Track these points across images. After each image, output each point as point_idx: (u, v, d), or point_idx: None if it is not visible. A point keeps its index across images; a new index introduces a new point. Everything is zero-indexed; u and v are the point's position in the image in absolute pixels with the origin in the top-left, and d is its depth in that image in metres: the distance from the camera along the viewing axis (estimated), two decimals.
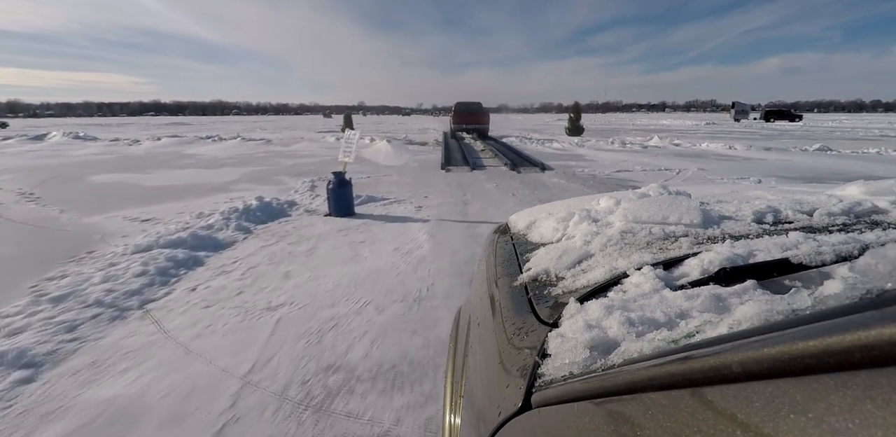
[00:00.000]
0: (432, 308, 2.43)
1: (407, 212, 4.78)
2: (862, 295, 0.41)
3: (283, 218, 4.54)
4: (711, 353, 0.29)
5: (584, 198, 1.31)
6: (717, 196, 1.28)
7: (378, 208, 4.96)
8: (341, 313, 2.38)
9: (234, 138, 16.62)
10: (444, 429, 0.77)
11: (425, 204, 5.17)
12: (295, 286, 2.76)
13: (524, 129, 26.41)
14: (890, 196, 1.07)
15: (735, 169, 8.32)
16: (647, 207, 0.93)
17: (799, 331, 0.25)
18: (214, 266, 3.17)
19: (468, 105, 17.04)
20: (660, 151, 11.96)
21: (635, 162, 9.39)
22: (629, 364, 0.39)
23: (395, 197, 5.56)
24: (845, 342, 0.21)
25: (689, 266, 0.65)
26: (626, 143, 13.54)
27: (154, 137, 16.75)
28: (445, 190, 6.13)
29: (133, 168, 8.68)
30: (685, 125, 32.36)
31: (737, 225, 0.89)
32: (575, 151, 12.06)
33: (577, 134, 18.45)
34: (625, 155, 10.80)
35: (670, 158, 10.07)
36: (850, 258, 0.57)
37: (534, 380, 0.48)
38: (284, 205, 4.94)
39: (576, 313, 0.56)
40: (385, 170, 8.25)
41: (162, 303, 2.55)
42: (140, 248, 3.39)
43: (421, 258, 3.24)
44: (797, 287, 0.51)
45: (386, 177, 7.34)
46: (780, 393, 0.24)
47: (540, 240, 1.00)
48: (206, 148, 13.11)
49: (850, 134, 20.21)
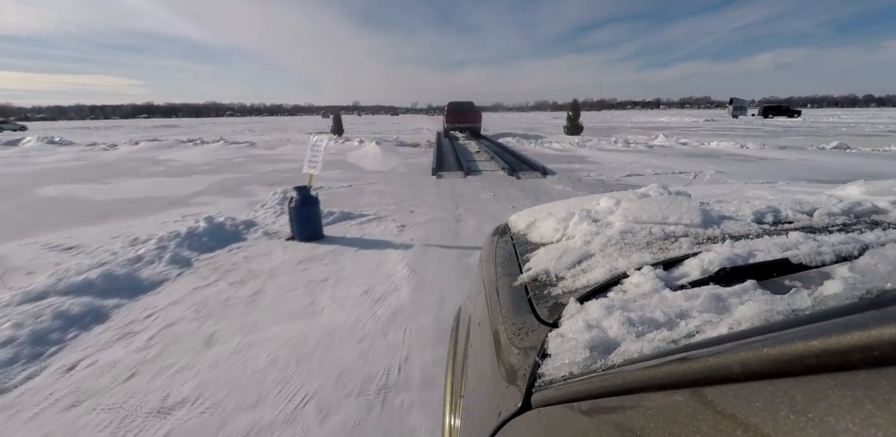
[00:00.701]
0: (404, 409, 1.61)
1: (387, 234, 3.97)
2: (862, 295, 0.41)
3: (235, 244, 3.73)
4: (711, 353, 0.29)
5: (584, 198, 1.30)
6: (717, 196, 1.27)
7: (353, 229, 4.14)
8: (263, 422, 1.57)
9: (216, 141, 15.81)
10: (444, 429, 0.77)
11: (410, 222, 4.36)
12: (213, 364, 1.95)
13: (520, 127, 25.66)
14: (890, 196, 1.05)
15: (756, 171, 7.57)
16: (647, 207, 0.92)
17: (799, 331, 0.25)
18: (119, 324, 2.36)
19: (460, 105, 17.27)
20: (667, 150, 11.19)
21: (644, 164, 8.61)
22: (629, 364, 0.39)
23: (376, 212, 4.75)
24: (845, 342, 0.21)
25: (689, 266, 0.65)
26: (630, 142, 12.79)
27: (132, 141, 15.88)
28: (435, 202, 5.32)
29: (92, 178, 7.84)
30: (684, 122, 31.65)
31: (737, 225, 0.88)
32: (577, 151, 11.27)
33: (576, 133, 17.74)
34: (631, 156, 10.03)
35: (681, 160, 9.30)
36: (850, 258, 0.56)
37: (534, 380, 0.48)
38: (240, 226, 4.12)
39: (576, 314, 0.56)
40: (370, 176, 7.44)
41: (7, 401, 1.74)
42: (30, 296, 2.57)
43: (396, 310, 2.44)
44: (797, 287, 0.50)
45: (370, 185, 6.53)
46: (780, 393, 0.24)
47: (540, 240, 0.99)
48: (183, 153, 12.27)
49: (855, 130, 19.55)
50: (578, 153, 10.93)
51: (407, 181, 6.89)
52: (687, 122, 32.57)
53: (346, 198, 5.57)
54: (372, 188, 6.29)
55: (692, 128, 23.89)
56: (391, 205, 5.13)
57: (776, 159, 9.11)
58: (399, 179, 7.18)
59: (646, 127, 25.52)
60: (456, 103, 17.36)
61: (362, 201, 5.36)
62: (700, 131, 20.15)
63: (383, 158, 9.77)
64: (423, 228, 4.13)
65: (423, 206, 5.07)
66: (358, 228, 4.18)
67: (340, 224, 4.28)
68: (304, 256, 3.38)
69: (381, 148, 11.21)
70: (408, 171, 8.13)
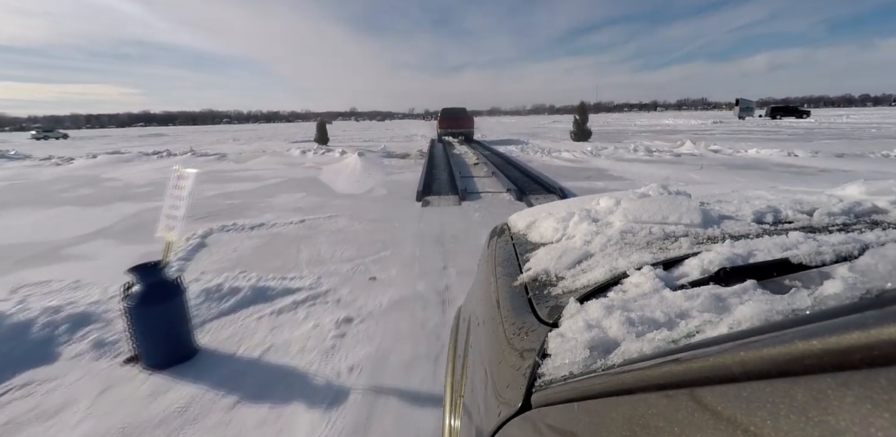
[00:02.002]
0: None
1: (313, 345, 2.19)
2: (862, 295, 0.41)
3: (30, 371, 2.00)
4: (711, 353, 0.29)
5: (584, 198, 1.30)
6: (716, 196, 1.25)
7: (260, 326, 2.37)
8: None
9: (184, 153, 14.17)
10: (444, 429, 0.76)
11: (364, 308, 2.57)
12: None
13: (520, 133, 24.16)
14: (890, 196, 1.04)
15: None
16: (647, 207, 0.92)
17: (799, 331, 0.25)
18: None
19: (453, 111, 17.72)
20: (700, 160, 9.47)
21: (684, 180, 6.87)
22: (629, 364, 0.39)
23: (314, 282, 2.97)
24: (845, 342, 0.21)
25: (689, 266, 0.64)
26: (652, 150, 11.03)
27: (91, 154, 14.20)
28: (414, 254, 3.56)
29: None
30: (691, 125, 29.88)
31: (737, 225, 0.88)
32: (593, 162, 9.51)
33: (585, 139, 16.14)
34: (660, 168, 8.28)
35: (724, 173, 7.58)
36: (850, 258, 0.56)
37: (534, 380, 0.48)
38: (64, 325, 2.37)
39: (576, 313, 0.56)
40: (336, 204, 5.70)
41: None
42: None
43: None
44: (797, 287, 0.50)
45: (329, 221, 4.77)
46: (780, 393, 0.24)
47: (540, 240, 0.99)
48: (134, 169, 10.63)
49: (885, 131, 17.76)
50: (595, 165, 9.19)
51: (381, 212, 5.14)
52: (694, 124, 30.76)
53: (283, 247, 3.82)
54: (330, 226, 4.54)
55: (704, 131, 22.21)
56: (345, 262, 3.38)
57: (843, 172, 7.36)
58: (372, 207, 5.44)
59: (654, 130, 23.93)
60: (448, 110, 17.80)
61: (305, 254, 3.61)
62: (717, 135, 18.46)
63: (362, 175, 8.11)
64: (381, 326, 2.36)
65: (393, 265, 3.31)
66: (269, 321, 2.43)
67: (243, 314, 2.52)
68: (134, 414, 1.65)
69: (362, 161, 9.58)
70: (387, 193, 6.40)
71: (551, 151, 11.50)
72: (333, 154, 12.10)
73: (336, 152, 12.28)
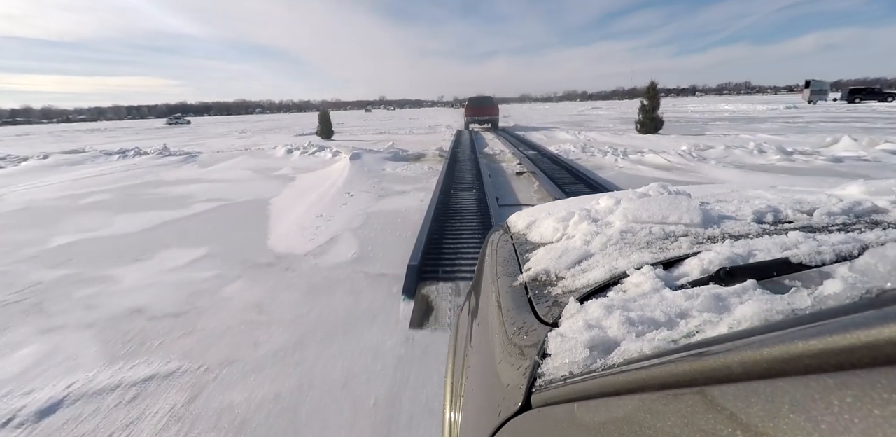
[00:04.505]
0: None
1: None
2: (862, 295, 0.41)
3: None
4: (711, 353, 0.29)
5: (584, 198, 1.28)
6: (716, 196, 1.23)
7: None
8: None
9: (157, 152, 11.55)
10: (444, 429, 0.75)
11: None
12: None
13: (561, 122, 20.50)
14: (890, 196, 1.03)
15: None
16: (647, 206, 0.91)
17: (799, 331, 0.24)
18: None
19: (479, 99, 18.38)
20: (879, 165, 5.89)
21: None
22: (629, 364, 0.38)
23: None
24: (845, 342, 0.21)
25: (689, 266, 0.64)
26: (789, 150, 7.13)
27: (42, 154, 11.80)
28: None
29: None
30: (758, 111, 24.75)
31: (737, 225, 0.86)
32: (709, 173, 6.05)
33: (655, 130, 12.54)
34: (828, 183, 4.75)
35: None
36: (850, 258, 0.55)
37: (534, 380, 0.47)
38: None
39: (576, 313, 0.56)
40: (221, 299, 2.63)
41: None
42: None
43: None
44: (797, 287, 0.49)
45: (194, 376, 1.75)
46: (780, 393, 0.23)
47: (540, 240, 0.98)
48: (61, 176, 8.07)
49: None
50: (711, 175, 5.79)
51: (329, 329, 2.07)
52: (762, 110, 25.83)
53: None
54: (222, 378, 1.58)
55: (780, 118, 17.77)
56: None
57: None
58: (288, 323, 2.33)
59: (722, 118, 19.69)
60: (475, 99, 18.44)
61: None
62: (815, 124, 14.15)
63: (337, 198, 5.05)
64: None
65: None
66: None
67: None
68: None
69: (353, 168, 6.54)
70: (352, 259, 3.23)
71: (627, 152, 7.80)
72: (324, 155, 9.23)
73: (328, 153, 9.38)
